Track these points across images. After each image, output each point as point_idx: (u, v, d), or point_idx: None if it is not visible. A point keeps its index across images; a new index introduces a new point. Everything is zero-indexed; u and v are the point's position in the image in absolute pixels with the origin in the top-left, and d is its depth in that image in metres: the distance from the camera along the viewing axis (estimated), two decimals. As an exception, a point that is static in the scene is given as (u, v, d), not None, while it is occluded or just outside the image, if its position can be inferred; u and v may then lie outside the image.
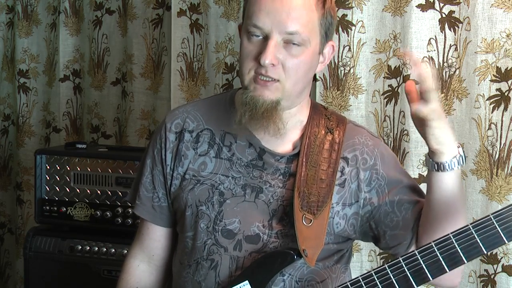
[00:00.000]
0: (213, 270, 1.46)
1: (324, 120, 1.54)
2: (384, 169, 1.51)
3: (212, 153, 1.52)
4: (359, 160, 1.51)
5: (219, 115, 1.55)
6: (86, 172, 2.42)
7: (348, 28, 2.24)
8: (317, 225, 1.42)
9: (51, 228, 2.50)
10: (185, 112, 1.58)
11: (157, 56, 2.74)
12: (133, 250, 1.66)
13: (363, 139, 1.53)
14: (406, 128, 2.17)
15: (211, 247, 1.47)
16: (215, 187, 1.49)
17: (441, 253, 1.28)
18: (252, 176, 1.49)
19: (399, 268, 1.30)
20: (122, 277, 1.65)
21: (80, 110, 3.05)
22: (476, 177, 2.08)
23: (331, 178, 1.47)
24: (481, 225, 1.27)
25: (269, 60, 1.37)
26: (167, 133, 1.56)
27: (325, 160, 1.48)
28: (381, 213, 1.50)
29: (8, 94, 3.23)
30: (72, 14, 2.99)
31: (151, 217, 1.61)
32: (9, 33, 3.20)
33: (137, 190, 1.62)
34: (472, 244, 1.27)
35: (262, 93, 1.40)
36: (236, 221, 1.47)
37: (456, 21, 2.10)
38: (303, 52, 1.41)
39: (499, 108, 2.04)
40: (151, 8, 2.74)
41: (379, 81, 2.23)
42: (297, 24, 1.38)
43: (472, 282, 2.12)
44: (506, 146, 2.04)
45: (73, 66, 3.03)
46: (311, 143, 1.50)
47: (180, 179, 1.53)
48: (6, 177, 3.24)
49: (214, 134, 1.54)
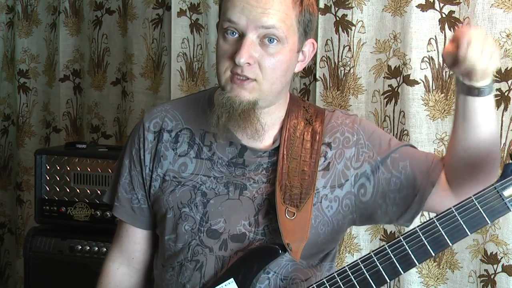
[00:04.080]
0: (198, 271, 1.44)
1: (302, 111, 1.52)
2: (369, 139, 1.49)
3: (192, 153, 1.49)
4: (341, 141, 1.49)
5: (198, 114, 1.52)
6: (86, 172, 2.43)
7: (348, 28, 2.24)
8: (301, 218, 1.40)
9: (51, 228, 2.50)
10: (164, 111, 1.55)
11: (157, 56, 2.74)
12: (112, 253, 1.63)
13: (340, 120, 1.52)
14: (406, 128, 2.17)
15: (196, 247, 1.45)
16: (197, 188, 1.46)
17: (426, 237, 1.29)
18: (234, 174, 1.47)
19: (385, 255, 1.31)
20: (101, 282, 1.62)
21: (80, 110, 3.06)
22: (476, 177, 2.08)
23: (313, 169, 1.45)
24: (463, 207, 1.29)
25: (244, 59, 1.35)
26: (145, 132, 1.53)
27: (307, 152, 1.47)
28: (383, 183, 1.47)
29: (8, 94, 3.23)
30: (72, 14, 2.99)
31: (130, 219, 1.58)
32: (9, 33, 3.20)
33: (115, 191, 1.59)
34: (456, 227, 1.29)
35: (239, 93, 1.38)
36: (221, 221, 1.44)
37: (456, 21, 2.10)
38: (280, 51, 1.38)
39: (499, 108, 2.04)
40: (151, 8, 2.74)
41: (379, 81, 2.23)
42: (273, 18, 1.35)
43: (472, 282, 2.12)
44: (506, 146, 2.04)
45: (73, 66, 3.03)
46: (290, 135, 1.48)
47: (160, 181, 1.50)
48: (6, 177, 3.24)
49: (194, 133, 1.51)
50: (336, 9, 2.26)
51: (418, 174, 1.46)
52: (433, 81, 2.13)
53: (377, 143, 1.50)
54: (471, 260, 2.12)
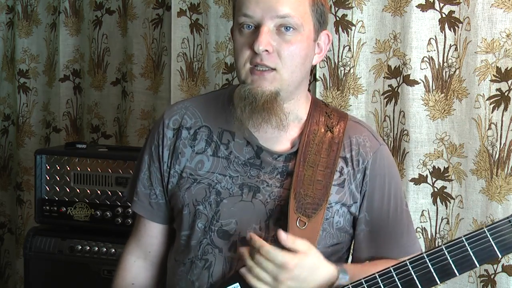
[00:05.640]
0: (206, 270, 1.45)
1: (324, 118, 1.51)
2: (371, 175, 1.48)
3: (210, 151, 1.50)
4: (354, 161, 1.48)
5: (217, 112, 1.53)
6: (86, 172, 2.42)
7: (348, 28, 2.24)
8: (311, 228, 1.40)
9: (51, 228, 2.50)
10: (184, 108, 1.56)
11: (157, 56, 2.74)
12: (130, 246, 1.65)
13: (362, 139, 1.50)
14: (406, 128, 2.17)
15: (206, 247, 1.46)
16: (212, 187, 1.47)
17: (433, 265, 1.26)
18: (249, 175, 1.47)
19: (390, 278, 1.29)
20: (119, 274, 1.64)
21: (80, 110, 3.05)
22: (476, 177, 2.08)
23: (328, 180, 1.44)
24: (475, 237, 1.25)
25: (263, 46, 1.36)
26: (164, 129, 1.54)
27: (323, 161, 1.46)
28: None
29: (8, 94, 3.23)
30: (72, 14, 2.99)
31: (148, 214, 1.60)
32: (9, 33, 3.20)
33: (134, 187, 1.61)
34: (465, 257, 1.25)
35: (260, 84, 1.38)
36: (232, 222, 1.45)
37: (456, 21, 2.10)
38: (297, 38, 1.39)
39: (499, 108, 2.04)
40: (151, 8, 2.74)
41: (379, 81, 2.23)
42: (287, 7, 1.37)
43: (472, 282, 2.12)
44: (506, 146, 2.04)
45: (73, 66, 3.03)
46: (309, 141, 1.47)
47: (178, 177, 1.51)
48: (6, 177, 3.24)
49: (212, 131, 1.51)
50: (336, 9, 2.26)
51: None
52: (433, 81, 2.13)
53: (373, 189, 1.49)
54: (471, 260, 2.12)
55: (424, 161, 2.16)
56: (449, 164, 2.14)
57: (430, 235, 2.18)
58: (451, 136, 2.13)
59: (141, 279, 1.64)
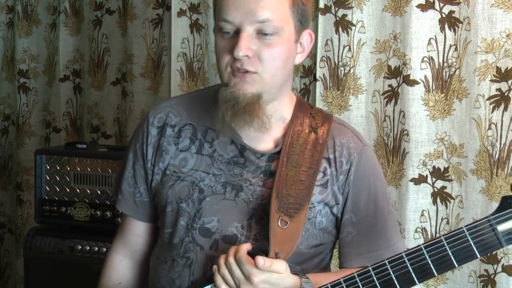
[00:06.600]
0: (187, 268, 1.44)
1: (309, 119, 1.50)
2: (356, 176, 1.48)
3: (194, 149, 1.50)
4: (337, 162, 1.48)
5: (202, 110, 1.53)
6: (86, 172, 2.42)
7: (348, 28, 2.24)
8: (293, 228, 1.39)
9: (51, 228, 2.50)
10: (169, 106, 1.55)
11: (157, 56, 2.74)
12: (116, 245, 1.65)
13: (345, 140, 1.50)
14: (406, 128, 2.17)
15: (188, 244, 1.45)
16: (196, 184, 1.47)
17: (411, 264, 1.25)
18: (233, 173, 1.46)
19: (368, 277, 1.28)
20: (105, 273, 1.64)
21: (80, 110, 3.06)
22: (476, 177, 2.08)
23: (310, 180, 1.44)
24: (454, 237, 1.24)
25: (242, 52, 1.35)
26: (149, 127, 1.54)
27: (307, 161, 1.45)
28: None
29: (8, 94, 3.23)
30: (72, 14, 2.99)
31: (132, 212, 1.60)
32: (9, 33, 3.20)
33: (119, 185, 1.61)
34: (444, 257, 1.24)
35: (242, 87, 1.38)
36: (214, 220, 1.44)
37: (456, 21, 2.10)
38: (277, 41, 1.38)
39: (499, 108, 2.04)
40: (151, 8, 2.74)
41: (379, 81, 2.23)
42: (267, 11, 1.36)
43: (472, 282, 2.12)
44: (506, 146, 2.04)
45: (73, 66, 3.03)
46: (293, 142, 1.46)
47: (161, 175, 1.51)
48: (6, 177, 3.24)
49: (196, 129, 1.51)
50: (336, 9, 2.26)
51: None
52: (433, 81, 2.13)
53: (356, 192, 1.48)
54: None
55: (424, 161, 2.16)
56: (449, 164, 2.14)
57: (430, 235, 2.18)
58: (451, 136, 2.13)
59: (128, 278, 1.63)
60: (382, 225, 1.50)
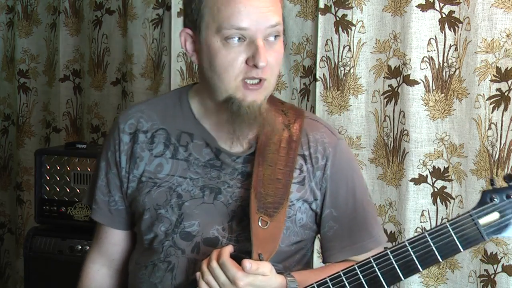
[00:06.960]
0: (169, 273, 1.42)
1: (281, 116, 1.48)
2: (332, 170, 1.47)
3: (168, 154, 1.46)
4: (313, 158, 1.47)
5: (174, 113, 1.48)
6: (86, 172, 2.43)
7: (348, 28, 2.24)
8: (273, 228, 1.38)
9: (51, 228, 2.50)
10: (139, 111, 1.51)
11: (157, 56, 2.74)
12: (92, 254, 1.61)
13: (319, 136, 1.49)
14: (406, 128, 2.17)
15: (169, 249, 1.43)
16: (173, 190, 1.44)
17: (396, 261, 1.26)
18: (210, 176, 1.44)
19: (354, 275, 1.28)
20: (83, 283, 1.60)
21: (80, 110, 3.06)
22: (476, 177, 2.08)
23: (287, 178, 1.42)
24: (437, 232, 1.25)
25: (265, 62, 1.32)
26: (120, 134, 1.49)
27: (282, 159, 1.43)
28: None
29: (8, 94, 3.23)
30: (72, 14, 2.99)
31: (108, 221, 1.56)
32: (9, 33, 3.20)
33: (93, 194, 1.56)
34: (428, 252, 1.25)
35: (255, 98, 1.35)
36: (195, 224, 1.42)
37: (456, 21, 2.10)
38: (280, 44, 1.37)
39: (499, 108, 2.04)
40: (151, 8, 2.74)
41: (379, 81, 2.23)
42: (276, 15, 1.34)
43: (472, 282, 2.12)
44: (506, 146, 2.04)
45: (73, 66, 3.03)
46: (267, 141, 1.44)
47: (137, 182, 1.48)
48: (6, 177, 3.24)
49: (170, 134, 1.47)
50: (336, 9, 2.26)
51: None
52: (433, 81, 2.13)
53: (333, 186, 1.48)
54: (471, 260, 2.12)
55: (424, 161, 2.16)
56: (449, 164, 2.14)
57: (430, 235, 2.18)
58: (451, 136, 2.13)
59: (107, 287, 1.61)
60: (362, 216, 1.50)
